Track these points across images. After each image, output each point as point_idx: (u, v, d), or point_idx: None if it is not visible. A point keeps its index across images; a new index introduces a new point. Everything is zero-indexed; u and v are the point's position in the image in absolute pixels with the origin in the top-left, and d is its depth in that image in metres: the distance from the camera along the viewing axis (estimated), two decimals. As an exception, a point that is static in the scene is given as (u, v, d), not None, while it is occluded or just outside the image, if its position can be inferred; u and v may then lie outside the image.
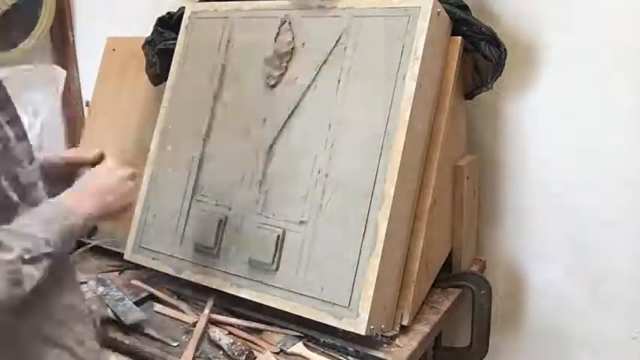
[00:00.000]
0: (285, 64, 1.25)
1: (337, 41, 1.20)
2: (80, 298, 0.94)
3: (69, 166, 1.04)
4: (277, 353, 1.11)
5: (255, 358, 1.09)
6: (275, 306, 1.15)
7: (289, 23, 1.26)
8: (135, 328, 1.18)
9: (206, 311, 1.22)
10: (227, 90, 1.33)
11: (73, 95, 2.18)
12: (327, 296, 1.10)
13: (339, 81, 1.19)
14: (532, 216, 1.45)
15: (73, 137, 2.14)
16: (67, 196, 0.90)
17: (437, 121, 1.21)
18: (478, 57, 1.28)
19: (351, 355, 1.11)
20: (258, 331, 1.18)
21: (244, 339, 1.15)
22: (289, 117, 1.22)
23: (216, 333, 1.15)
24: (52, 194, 0.89)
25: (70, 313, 0.90)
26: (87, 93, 2.06)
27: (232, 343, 1.11)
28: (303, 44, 1.24)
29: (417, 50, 1.12)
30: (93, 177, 0.98)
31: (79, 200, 0.90)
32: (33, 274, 0.77)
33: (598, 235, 1.38)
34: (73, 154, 1.09)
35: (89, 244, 1.50)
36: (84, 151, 1.08)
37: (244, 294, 1.19)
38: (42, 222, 0.82)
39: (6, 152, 0.81)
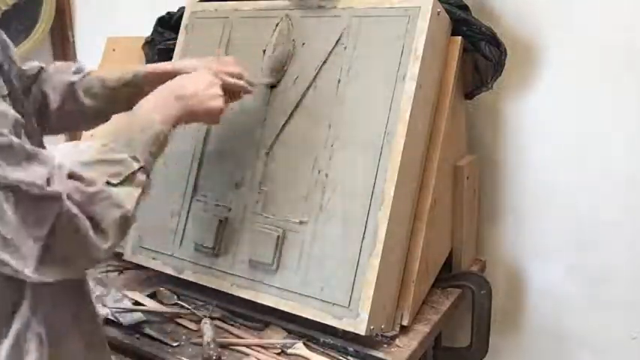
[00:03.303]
0: (285, 64, 1.25)
1: (337, 41, 1.20)
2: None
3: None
4: (277, 353, 1.11)
5: None
6: (275, 306, 1.15)
7: (289, 23, 1.26)
8: (134, 329, 1.18)
9: (206, 312, 1.22)
10: (227, 90, 1.33)
11: (73, 95, 2.18)
12: (327, 296, 1.10)
13: (339, 81, 1.19)
14: (532, 216, 1.45)
15: (73, 136, 2.14)
16: (148, 103, 0.92)
17: (437, 121, 1.21)
18: (478, 57, 1.28)
19: (351, 355, 1.11)
20: (258, 331, 1.18)
21: (243, 338, 1.15)
22: (289, 117, 1.22)
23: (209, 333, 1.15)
24: None
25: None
26: (87, 93, 2.06)
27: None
28: (303, 44, 1.24)
29: (417, 50, 1.12)
30: (178, 81, 0.99)
31: (162, 106, 0.92)
32: (130, 192, 0.80)
33: (598, 235, 1.38)
34: (181, 65, 1.10)
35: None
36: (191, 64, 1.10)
37: (244, 294, 1.19)
38: (126, 139, 0.83)
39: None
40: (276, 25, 1.28)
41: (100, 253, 0.75)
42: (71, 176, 0.73)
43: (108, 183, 0.77)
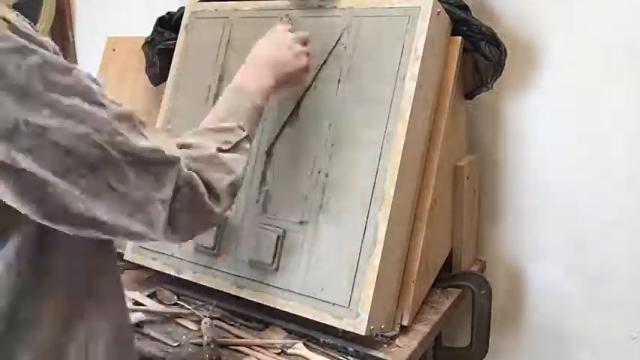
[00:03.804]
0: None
1: (337, 41, 1.20)
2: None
3: None
4: (277, 353, 1.11)
5: None
6: (275, 306, 1.15)
7: (289, 23, 1.26)
8: (134, 329, 1.18)
9: (206, 312, 1.22)
10: (227, 90, 1.32)
11: (73, 95, 2.18)
12: (327, 296, 1.10)
13: (339, 81, 1.19)
14: (532, 216, 1.45)
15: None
16: (243, 77, 0.99)
17: (437, 121, 1.21)
18: (478, 57, 1.28)
19: (351, 355, 1.11)
20: (258, 331, 1.18)
21: (243, 338, 1.15)
22: (289, 117, 1.22)
23: (209, 333, 1.15)
24: None
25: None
26: (87, 93, 2.06)
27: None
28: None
29: (417, 50, 1.12)
30: (262, 49, 1.05)
31: (257, 78, 0.99)
32: (238, 158, 0.87)
33: (598, 235, 1.38)
34: None
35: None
36: None
37: (244, 294, 1.19)
38: (230, 113, 0.92)
39: None
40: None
41: (214, 217, 0.79)
42: (181, 146, 0.80)
43: (219, 150, 0.83)
